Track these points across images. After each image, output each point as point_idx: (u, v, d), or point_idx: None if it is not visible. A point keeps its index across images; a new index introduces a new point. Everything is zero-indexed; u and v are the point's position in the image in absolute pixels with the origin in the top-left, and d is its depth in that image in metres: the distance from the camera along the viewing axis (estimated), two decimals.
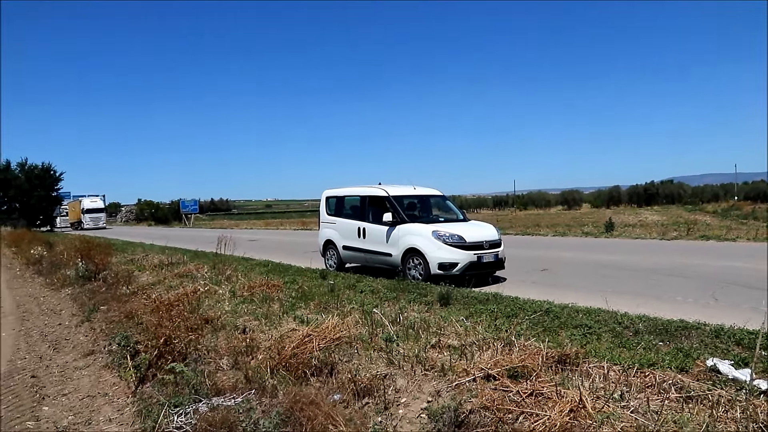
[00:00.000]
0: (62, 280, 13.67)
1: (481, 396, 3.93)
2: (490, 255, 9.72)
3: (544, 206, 78.37)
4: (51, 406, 4.96)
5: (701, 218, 29.83)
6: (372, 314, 6.57)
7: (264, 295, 8.60)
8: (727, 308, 6.96)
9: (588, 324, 5.89)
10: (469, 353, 4.93)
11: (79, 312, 9.61)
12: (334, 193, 12.40)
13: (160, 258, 15.47)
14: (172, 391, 4.40)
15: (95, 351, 6.81)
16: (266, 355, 5.44)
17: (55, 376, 5.90)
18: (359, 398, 4.49)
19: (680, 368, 4.37)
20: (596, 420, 3.42)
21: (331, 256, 12.10)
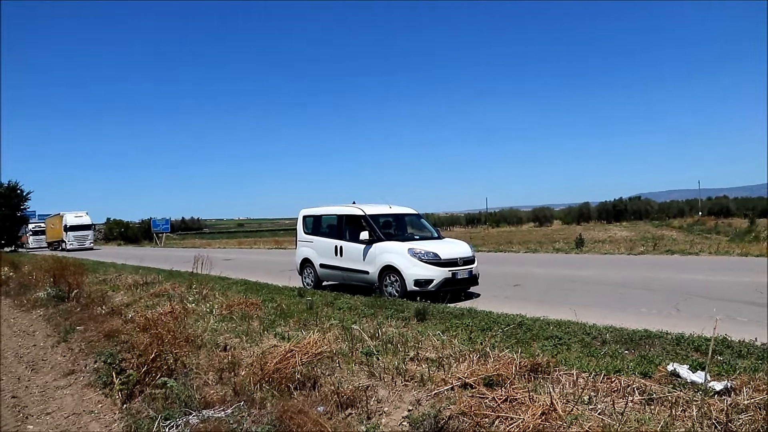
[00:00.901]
0: (33, 301, 13.46)
1: (459, 403, 4.16)
2: (464, 271, 10.01)
3: (516, 223, 79.62)
4: (36, 425, 5.01)
5: (668, 233, 30.72)
6: (351, 330, 6.77)
7: (243, 313, 8.71)
8: (688, 318, 7.35)
9: (558, 335, 6.19)
10: (446, 364, 5.17)
11: (54, 333, 9.54)
12: (311, 212, 12.60)
13: (134, 278, 15.40)
14: (162, 405, 4.52)
15: (75, 370, 6.83)
16: (249, 371, 5.57)
17: (36, 396, 5.92)
18: (343, 409, 4.66)
19: (643, 374, 4.68)
20: (566, 421, 3.68)
21: (308, 275, 12.25)
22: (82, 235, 51.88)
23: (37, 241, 60.89)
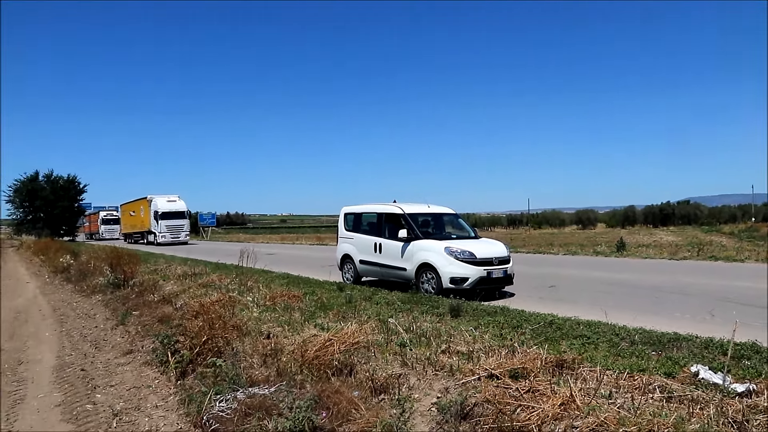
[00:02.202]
0: (92, 287, 14.36)
1: (484, 392, 4.45)
2: (499, 271, 10.23)
3: (559, 225, 78.40)
4: (102, 395, 5.58)
5: (717, 239, 29.90)
6: (387, 323, 7.13)
7: (285, 305, 9.17)
8: (722, 324, 7.37)
9: (587, 335, 6.37)
10: (475, 357, 5.46)
11: (113, 316, 10.26)
12: (352, 210, 13.03)
13: (182, 269, 16.15)
14: (213, 382, 4.98)
15: (133, 350, 7.43)
16: (290, 357, 5.99)
17: (101, 371, 6.53)
18: (376, 394, 5.00)
19: (667, 373, 4.85)
20: (583, 412, 3.93)
21: (348, 270, 12.68)
22: (177, 226, 40.71)
23: (109, 230, 57.75)
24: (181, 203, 41.28)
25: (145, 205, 41.86)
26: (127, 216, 48.78)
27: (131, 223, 46.86)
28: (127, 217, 49.21)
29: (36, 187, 50.46)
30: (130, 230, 47.39)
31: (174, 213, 40.35)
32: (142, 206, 43.18)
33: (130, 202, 47.84)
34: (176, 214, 40.55)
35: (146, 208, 41.52)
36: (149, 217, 40.86)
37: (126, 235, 49.28)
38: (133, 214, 46.01)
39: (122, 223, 51.07)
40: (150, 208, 40.59)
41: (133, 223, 46.18)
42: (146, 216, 41.69)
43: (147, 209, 41.31)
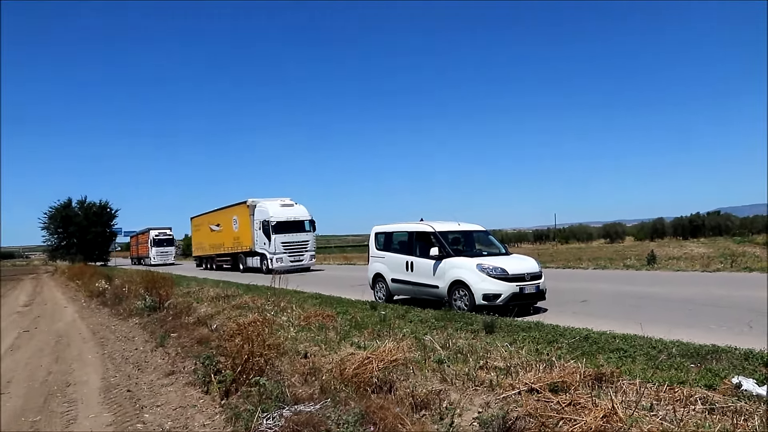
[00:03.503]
0: (128, 310, 14.69)
1: (525, 405, 4.52)
2: (531, 286, 10.27)
3: (586, 239, 77.35)
4: (150, 414, 5.76)
5: (750, 250, 29.26)
6: (423, 340, 7.23)
7: (320, 324, 9.33)
8: (761, 335, 7.31)
9: (624, 348, 6.40)
10: (513, 372, 5.53)
11: (151, 338, 10.49)
12: (382, 229, 13.22)
13: (215, 291, 16.46)
14: (258, 401, 5.12)
15: (175, 371, 7.62)
16: (329, 375, 6.11)
17: (146, 391, 6.72)
18: (417, 410, 5.09)
19: (708, 386, 4.87)
20: (626, 424, 3.97)
21: (380, 289, 12.82)
22: (299, 244, 44.83)
23: (162, 254, 51.30)
24: (300, 209, 28.05)
25: (244, 213, 29.70)
26: (204, 232, 37.00)
27: (212, 241, 35.32)
28: (203, 234, 37.43)
29: (70, 213, 51.96)
30: (210, 251, 35.70)
31: (293, 223, 26.87)
32: (236, 215, 31.20)
33: (210, 213, 36.21)
34: (295, 225, 27.12)
35: (245, 217, 29.37)
36: (251, 232, 28.55)
37: (202, 259, 38.18)
38: (217, 229, 34.27)
39: (195, 243, 39.51)
40: (253, 218, 28.46)
41: (216, 241, 34.60)
42: (245, 230, 29.56)
43: (247, 219, 29.10)
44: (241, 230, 30.86)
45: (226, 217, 33.41)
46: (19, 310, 18.76)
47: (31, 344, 11.09)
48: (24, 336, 12.31)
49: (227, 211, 33.25)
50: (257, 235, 28.41)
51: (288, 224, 27.35)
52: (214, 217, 35.78)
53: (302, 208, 28.54)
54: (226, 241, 33.26)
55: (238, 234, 31.15)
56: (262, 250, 28.35)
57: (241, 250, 30.97)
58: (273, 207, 27.83)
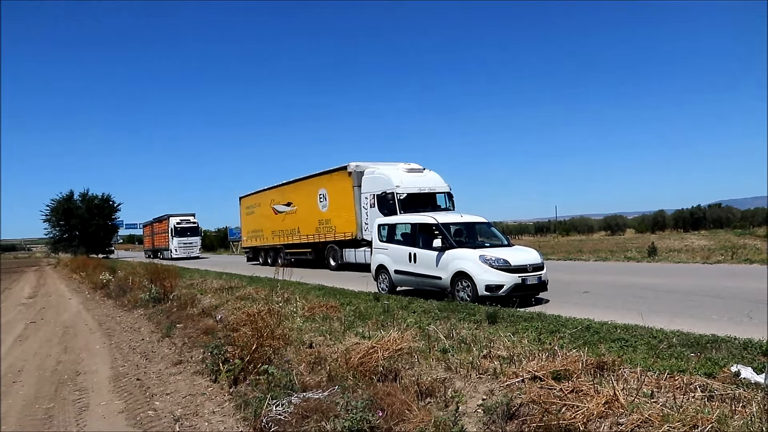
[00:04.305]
0: (133, 301, 14.83)
1: (528, 393, 4.63)
2: (533, 277, 10.36)
3: (587, 232, 77.45)
4: (161, 402, 5.89)
5: (751, 242, 29.30)
6: (427, 330, 7.34)
7: (324, 315, 9.43)
8: (760, 325, 7.40)
9: (625, 338, 6.49)
10: (516, 361, 5.63)
11: (157, 329, 10.63)
12: (386, 221, 13.33)
13: (218, 283, 16.57)
14: (266, 388, 5.24)
15: (182, 361, 7.75)
16: (335, 364, 6.22)
17: (155, 380, 6.85)
18: (423, 398, 5.21)
19: (707, 374, 4.96)
20: (627, 410, 4.08)
21: (383, 280, 12.92)
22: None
23: (185, 245, 42.71)
24: (434, 177, 19.79)
25: (342, 183, 20.93)
26: (262, 215, 28.21)
27: (278, 227, 26.36)
28: (261, 218, 28.49)
29: (71, 206, 52.04)
30: (275, 241, 26.63)
31: (426, 197, 18.80)
32: (324, 188, 22.42)
33: (273, 188, 27.18)
34: (429, 200, 18.89)
35: (344, 190, 20.63)
36: (355, 211, 20.03)
37: (260, 251, 29.27)
38: (287, 209, 25.46)
39: (248, 230, 30.54)
40: (358, 190, 20.00)
41: (285, 226, 25.69)
42: (342, 208, 20.82)
43: (347, 193, 20.36)
44: (333, 209, 21.70)
45: (304, 192, 23.87)
46: (24, 301, 18.93)
47: (38, 335, 11.23)
48: (31, 327, 12.46)
49: (308, 184, 23.62)
50: (366, 215, 19.26)
51: (421, 198, 18.41)
52: (281, 194, 26.24)
53: (436, 176, 19.59)
54: (305, 225, 23.60)
55: (329, 215, 22.02)
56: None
57: (333, 239, 21.56)
58: (396, 173, 18.76)
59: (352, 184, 20.32)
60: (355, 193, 20.19)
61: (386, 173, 19.20)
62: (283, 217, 26.06)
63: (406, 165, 20.03)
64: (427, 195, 18.94)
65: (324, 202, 22.51)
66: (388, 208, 18.18)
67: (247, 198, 31.39)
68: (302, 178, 24.57)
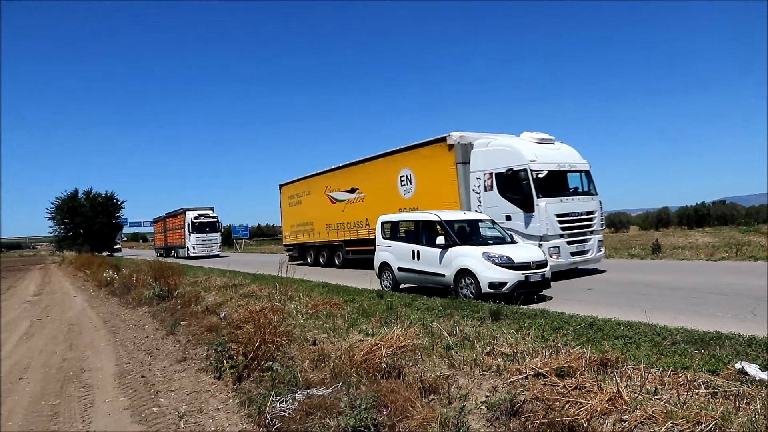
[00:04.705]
0: (137, 299, 14.88)
1: (532, 390, 4.64)
2: (537, 275, 10.36)
3: None
4: (165, 399, 5.92)
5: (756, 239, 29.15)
6: (430, 327, 7.35)
7: (328, 312, 9.45)
8: (764, 322, 7.38)
9: (629, 335, 6.49)
10: (520, 358, 5.64)
11: (162, 327, 10.67)
12: (389, 219, 13.34)
13: (222, 280, 16.63)
14: (270, 385, 5.26)
15: (187, 358, 7.78)
16: (339, 362, 6.24)
17: (159, 377, 6.88)
18: (426, 395, 5.22)
19: (711, 371, 4.97)
20: (631, 406, 4.09)
21: (386, 277, 12.94)
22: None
23: (204, 243, 38.95)
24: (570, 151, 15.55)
25: (439, 160, 16.43)
26: (313, 204, 23.60)
27: (336, 219, 21.73)
28: (311, 208, 23.92)
29: (76, 204, 52.21)
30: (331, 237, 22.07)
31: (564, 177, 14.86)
32: (409, 168, 17.87)
33: (331, 171, 22.66)
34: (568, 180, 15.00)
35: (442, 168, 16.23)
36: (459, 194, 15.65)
37: (309, 248, 24.23)
38: (349, 197, 21.06)
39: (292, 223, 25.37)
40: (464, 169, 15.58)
41: (346, 218, 21.16)
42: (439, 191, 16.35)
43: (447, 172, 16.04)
44: (423, 193, 17.00)
45: (378, 174, 19.38)
46: (29, 299, 19.01)
47: (44, 332, 11.29)
48: (36, 324, 12.52)
49: (383, 164, 19.13)
50: (479, 200, 14.86)
51: (559, 178, 14.45)
52: (342, 178, 21.70)
53: (572, 150, 15.34)
54: (377, 216, 15.00)
55: (414, 201, 17.30)
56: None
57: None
58: (525, 145, 14.27)
59: (453, 161, 15.61)
60: (460, 172, 15.46)
61: (512, 145, 14.48)
62: (344, 206, 21.42)
63: (535, 134, 15.04)
64: (566, 174, 14.68)
65: (408, 186, 17.83)
66: (518, 190, 13.79)
67: (291, 186, 26.34)
68: (374, 157, 19.90)
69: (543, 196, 13.46)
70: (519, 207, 13.75)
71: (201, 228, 39.19)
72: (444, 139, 16.04)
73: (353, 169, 21.19)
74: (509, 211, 14.00)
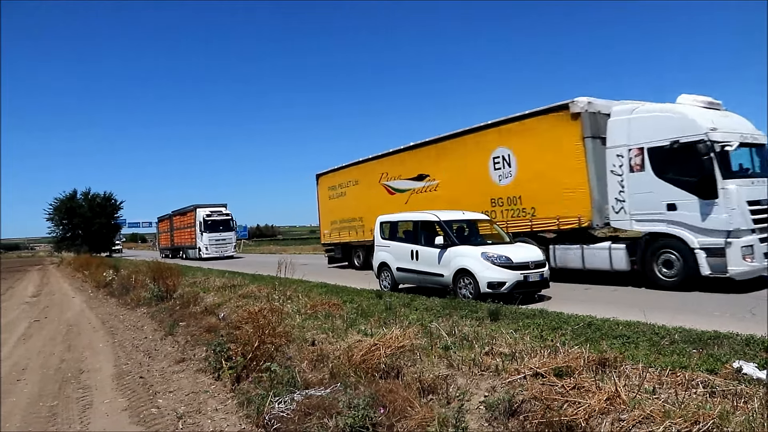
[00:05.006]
0: (136, 300, 14.87)
1: (530, 389, 4.64)
2: (535, 274, 10.37)
3: None
4: (164, 399, 5.93)
5: None
6: (429, 327, 7.34)
7: (326, 313, 9.44)
8: (762, 321, 7.40)
9: (627, 334, 6.50)
10: (518, 358, 5.64)
11: (160, 327, 10.66)
12: (387, 219, 13.33)
13: (221, 281, 16.59)
14: (269, 386, 5.27)
15: (185, 359, 7.78)
16: (337, 362, 6.23)
17: (158, 378, 6.88)
18: (425, 395, 5.22)
19: (709, 370, 4.97)
20: (629, 406, 4.09)
21: (385, 278, 12.94)
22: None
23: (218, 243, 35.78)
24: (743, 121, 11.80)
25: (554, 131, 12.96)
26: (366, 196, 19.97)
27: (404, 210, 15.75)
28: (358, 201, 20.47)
29: (74, 205, 52.18)
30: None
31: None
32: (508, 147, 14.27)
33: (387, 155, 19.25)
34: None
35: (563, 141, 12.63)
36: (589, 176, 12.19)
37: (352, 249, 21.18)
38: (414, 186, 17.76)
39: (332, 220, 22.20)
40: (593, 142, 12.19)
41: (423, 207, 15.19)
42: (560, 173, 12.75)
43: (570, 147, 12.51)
44: (529, 178, 13.68)
45: (460, 156, 15.79)
46: (27, 300, 19.00)
47: (42, 333, 11.28)
48: (35, 325, 12.51)
49: (467, 143, 15.58)
50: (621, 184, 11.84)
51: (743, 154, 11.25)
52: (404, 162, 18.21)
53: (743, 119, 12.11)
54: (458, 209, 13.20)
55: (515, 189, 14.09)
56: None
57: (524, 227, 13.70)
58: (694, 109, 11.22)
59: (579, 134, 12.35)
60: (588, 148, 12.26)
61: (676, 110, 11.27)
62: (407, 197, 17.76)
63: (698, 98, 11.61)
64: (752, 148, 11.28)
65: (504, 169, 14.21)
66: (689, 169, 10.61)
67: (332, 175, 22.45)
68: (453, 135, 16.15)
69: (729, 177, 10.24)
70: (691, 192, 10.51)
71: (214, 227, 36.03)
72: (564, 107, 12.61)
73: (421, 152, 17.53)
74: (673, 198, 10.76)
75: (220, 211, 36.71)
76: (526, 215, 13.70)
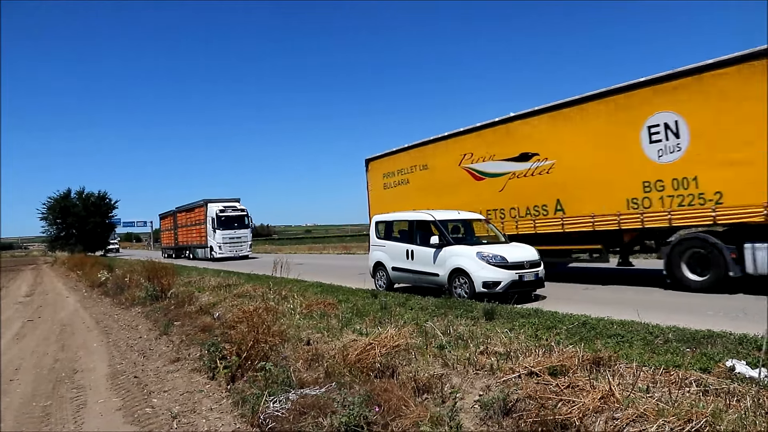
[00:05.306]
0: (131, 300, 14.82)
1: (525, 388, 4.65)
2: (530, 274, 10.40)
3: None
4: (158, 399, 5.91)
5: None
6: (424, 327, 7.35)
7: (322, 312, 9.44)
8: (755, 320, 7.44)
9: (621, 334, 6.52)
10: (513, 357, 5.65)
11: (155, 327, 10.63)
12: (383, 218, 13.33)
13: (216, 280, 16.55)
14: (264, 385, 5.26)
15: (180, 358, 7.76)
16: (332, 361, 6.24)
17: (152, 378, 6.86)
18: (420, 394, 5.22)
19: (702, 369, 5.00)
20: (623, 404, 4.11)
21: (380, 277, 12.96)
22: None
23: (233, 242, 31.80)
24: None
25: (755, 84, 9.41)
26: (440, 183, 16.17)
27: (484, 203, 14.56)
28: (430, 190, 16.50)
29: (68, 204, 51.99)
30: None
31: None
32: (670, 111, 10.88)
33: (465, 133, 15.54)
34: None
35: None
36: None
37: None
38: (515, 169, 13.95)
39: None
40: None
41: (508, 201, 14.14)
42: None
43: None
44: (707, 150, 10.41)
45: (591, 126, 12.41)
46: (21, 300, 18.90)
47: (36, 333, 11.23)
48: (28, 325, 12.45)
49: (602, 107, 12.22)
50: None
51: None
52: (497, 139, 14.54)
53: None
54: (588, 193, 12.36)
55: (685, 165, 10.78)
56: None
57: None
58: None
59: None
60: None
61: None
62: (503, 182, 14.24)
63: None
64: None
65: (668, 141, 11.00)
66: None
67: (388, 159, 18.51)
68: (577, 101, 12.72)
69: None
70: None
71: (228, 223, 31.71)
72: (755, 56, 9.53)
73: (523, 124, 13.85)
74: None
75: (234, 207, 32.85)
76: (704, 203, 10.46)
